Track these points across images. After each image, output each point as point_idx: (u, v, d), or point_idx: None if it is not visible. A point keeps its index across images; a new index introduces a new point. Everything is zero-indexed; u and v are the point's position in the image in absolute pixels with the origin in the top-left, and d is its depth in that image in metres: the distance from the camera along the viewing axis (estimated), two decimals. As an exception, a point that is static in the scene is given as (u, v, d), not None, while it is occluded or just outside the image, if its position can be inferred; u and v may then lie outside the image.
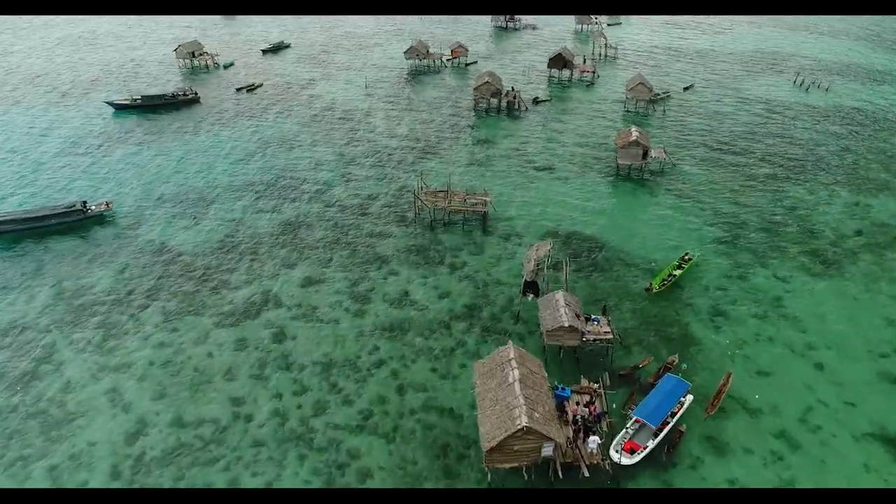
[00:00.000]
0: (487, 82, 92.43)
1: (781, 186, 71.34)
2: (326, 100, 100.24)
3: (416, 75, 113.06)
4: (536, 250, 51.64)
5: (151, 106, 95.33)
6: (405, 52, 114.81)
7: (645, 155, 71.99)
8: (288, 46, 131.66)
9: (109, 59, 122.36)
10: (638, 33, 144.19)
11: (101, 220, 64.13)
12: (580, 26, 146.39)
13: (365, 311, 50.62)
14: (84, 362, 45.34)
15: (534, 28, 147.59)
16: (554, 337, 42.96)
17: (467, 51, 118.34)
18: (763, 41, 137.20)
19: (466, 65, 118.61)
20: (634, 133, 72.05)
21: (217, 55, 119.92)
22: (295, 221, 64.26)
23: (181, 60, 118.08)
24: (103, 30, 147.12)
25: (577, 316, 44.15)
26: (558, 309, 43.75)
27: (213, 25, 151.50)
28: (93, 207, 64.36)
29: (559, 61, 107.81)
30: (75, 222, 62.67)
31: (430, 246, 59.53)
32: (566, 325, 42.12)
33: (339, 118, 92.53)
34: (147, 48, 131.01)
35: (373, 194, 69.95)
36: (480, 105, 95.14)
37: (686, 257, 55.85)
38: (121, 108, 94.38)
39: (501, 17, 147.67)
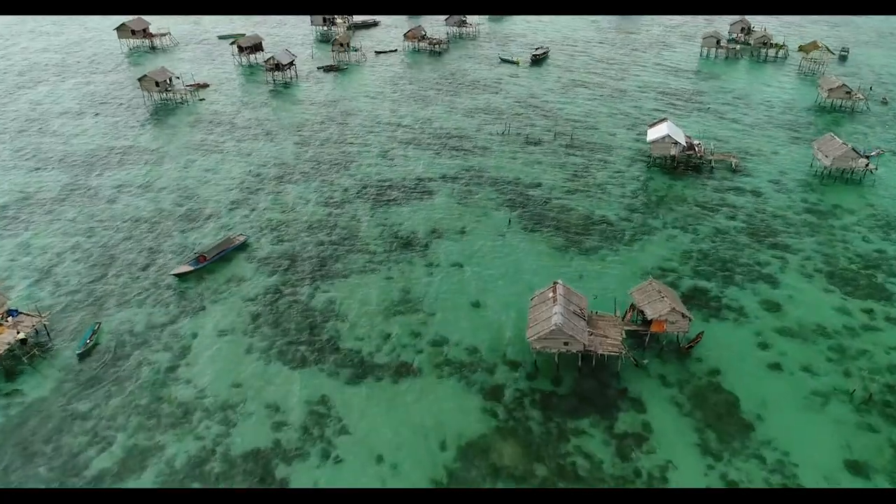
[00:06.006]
0: None
1: None
2: None
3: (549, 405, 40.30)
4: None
5: None
6: (534, 341, 42.08)
7: None
8: (246, 245, 59.20)
9: None
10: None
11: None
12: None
13: None
14: None
15: (734, 167, 74.47)
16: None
17: (690, 320, 45.05)
18: None
19: (687, 347, 46.12)
20: None
21: (47, 343, 45.64)
22: None
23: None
24: None
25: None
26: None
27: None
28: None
29: None
30: None
31: None
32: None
33: None
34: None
35: None
36: None
37: None
38: None
39: (665, 136, 74.08)
